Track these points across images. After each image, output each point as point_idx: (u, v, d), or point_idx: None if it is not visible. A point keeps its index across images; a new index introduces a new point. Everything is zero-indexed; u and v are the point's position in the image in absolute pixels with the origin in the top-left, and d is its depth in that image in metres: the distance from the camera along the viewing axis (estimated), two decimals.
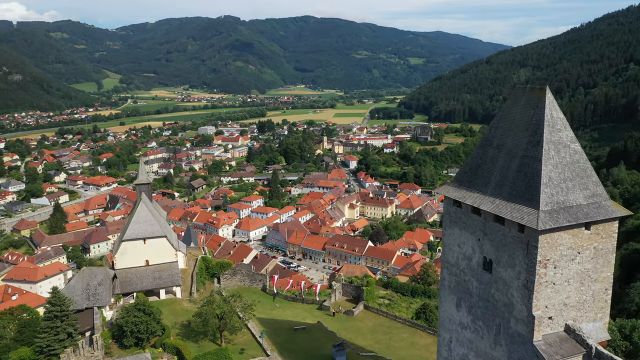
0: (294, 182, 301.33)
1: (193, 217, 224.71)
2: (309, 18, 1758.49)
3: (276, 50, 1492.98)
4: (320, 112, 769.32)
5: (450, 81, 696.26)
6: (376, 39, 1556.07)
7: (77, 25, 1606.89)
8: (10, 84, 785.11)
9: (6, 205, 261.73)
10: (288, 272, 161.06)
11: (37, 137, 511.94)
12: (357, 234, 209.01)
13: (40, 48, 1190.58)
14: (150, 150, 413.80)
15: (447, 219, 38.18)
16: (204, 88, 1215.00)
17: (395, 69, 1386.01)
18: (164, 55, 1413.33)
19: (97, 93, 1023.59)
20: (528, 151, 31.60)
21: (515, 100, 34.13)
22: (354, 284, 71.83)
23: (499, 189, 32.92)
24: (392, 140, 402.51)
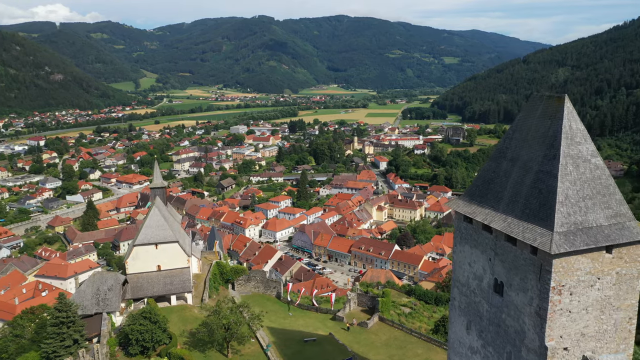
0: (322, 182, 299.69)
1: (221, 217, 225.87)
2: (342, 17, 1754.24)
3: (309, 49, 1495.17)
4: (352, 112, 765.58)
5: (485, 81, 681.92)
6: (410, 38, 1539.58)
7: (117, 26, 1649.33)
8: (52, 84, 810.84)
9: (43, 201, 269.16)
10: (312, 274, 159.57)
11: (76, 135, 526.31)
12: (384, 237, 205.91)
13: (81, 48, 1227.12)
14: (183, 149, 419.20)
15: (458, 235, 35.74)
16: (237, 87, 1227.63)
17: (429, 69, 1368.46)
18: (199, 55, 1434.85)
19: (134, 92, 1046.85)
20: (543, 166, 28.97)
21: (531, 109, 31.47)
22: (369, 294, 69.62)
23: (512, 205, 30.38)
24: (423, 141, 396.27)
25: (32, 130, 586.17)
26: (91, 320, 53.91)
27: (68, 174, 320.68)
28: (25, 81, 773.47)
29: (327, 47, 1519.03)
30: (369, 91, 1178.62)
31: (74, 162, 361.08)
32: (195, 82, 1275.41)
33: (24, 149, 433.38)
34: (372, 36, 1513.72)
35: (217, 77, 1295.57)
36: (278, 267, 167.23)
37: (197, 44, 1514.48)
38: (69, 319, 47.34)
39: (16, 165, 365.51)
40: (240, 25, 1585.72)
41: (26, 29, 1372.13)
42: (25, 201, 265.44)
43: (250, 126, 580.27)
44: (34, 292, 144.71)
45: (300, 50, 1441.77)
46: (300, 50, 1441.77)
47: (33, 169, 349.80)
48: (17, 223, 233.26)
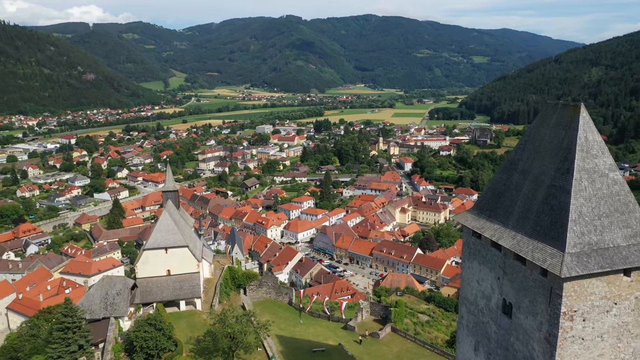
0: (346, 183, 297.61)
1: (243, 217, 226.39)
2: (370, 17, 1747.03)
3: (337, 49, 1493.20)
4: (378, 111, 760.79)
5: (515, 80, 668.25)
6: (439, 37, 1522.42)
7: (147, 27, 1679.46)
8: (84, 83, 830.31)
9: (71, 199, 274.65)
10: (332, 277, 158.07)
11: (105, 133, 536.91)
12: (407, 240, 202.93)
13: (113, 48, 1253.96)
14: (208, 148, 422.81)
15: (466, 251, 33.75)
16: (264, 87, 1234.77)
17: (457, 68, 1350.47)
18: (227, 54, 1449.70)
19: (163, 91, 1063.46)
20: (556, 180, 26.83)
21: (544, 118, 29.32)
22: (382, 303, 67.71)
23: (522, 222, 28.30)
24: (449, 142, 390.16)
25: (64, 128, 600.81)
26: (99, 324, 53.72)
27: (96, 172, 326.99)
28: (59, 81, 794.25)
29: (354, 47, 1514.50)
30: (396, 91, 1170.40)
31: (102, 161, 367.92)
32: (223, 81, 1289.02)
33: (56, 147, 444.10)
34: (400, 35, 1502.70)
35: (244, 76, 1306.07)
36: (298, 268, 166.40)
37: (226, 44, 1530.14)
38: (74, 324, 47.12)
39: (47, 163, 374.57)
40: (268, 25, 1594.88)
41: (61, 29, 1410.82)
42: (54, 198, 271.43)
43: (275, 126, 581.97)
44: (59, 289, 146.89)
45: (328, 49, 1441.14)
46: (328, 49, 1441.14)
47: (63, 166, 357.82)
48: (46, 220, 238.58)
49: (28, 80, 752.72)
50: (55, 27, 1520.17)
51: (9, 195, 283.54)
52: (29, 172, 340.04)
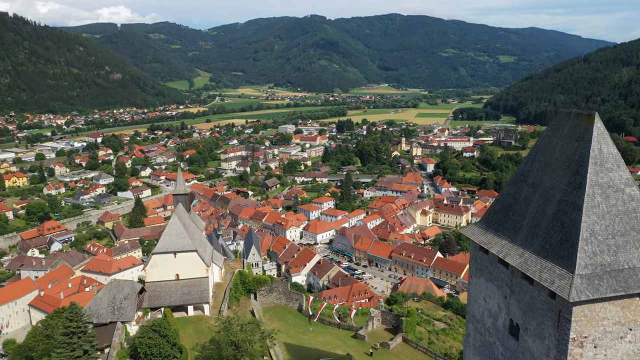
0: (367, 184, 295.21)
1: (263, 217, 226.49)
2: (395, 16, 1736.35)
3: (361, 48, 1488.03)
4: (401, 111, 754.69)
5: (542, 80, 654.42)
6: (465, 37, 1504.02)
7: (173, 27, 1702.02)
8: (111, 82, 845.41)
9: (95, 197, 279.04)
10: (350, 279, 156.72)
11: (131, 132, 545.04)
12: (427, 243, 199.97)
13: (140, 48, 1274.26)
14: (231, 147, 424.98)
15: (473, 266, 32.14)
16: (288, 86, 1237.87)
17: (483, 68, 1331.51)
18: (252, 54, 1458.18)
19: (188, 91, 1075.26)
20: (567, 195, 25.10)
21: (556, 128, 27.55)
22: (394, 312, 66.07)
23: (531, 238, 26.63)
24: (473, 143, 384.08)
25: (91, 127, 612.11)
26: (106, 329, 53.55)
27: (120, 171, 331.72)
28: (87, 80, 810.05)
29: (378, 46, 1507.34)
30: (420, 91, 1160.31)
31: (127, 159, 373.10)
32: (247, 81, 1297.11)
33: (83, 146, 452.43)
34: (425, 35, 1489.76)
35: (268, 76, 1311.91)
36: (316, 270, 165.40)
37: (250, 44, 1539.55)
38: (79, 329, 46.93)
39: (74, 162, 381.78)
40: (293, 25, 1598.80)
41: (90, 30, 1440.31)
42: (79, 196, 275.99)
43: (298, 125, 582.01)
44: (79, 286, 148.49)
45: (352, 49, 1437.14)
46: (352, 49, 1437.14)
47: (89, 165, 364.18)
48: (71, 218, 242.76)
49: (57, 80, 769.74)
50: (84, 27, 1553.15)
51: (36, 192, 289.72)
52: (56, 170, 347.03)
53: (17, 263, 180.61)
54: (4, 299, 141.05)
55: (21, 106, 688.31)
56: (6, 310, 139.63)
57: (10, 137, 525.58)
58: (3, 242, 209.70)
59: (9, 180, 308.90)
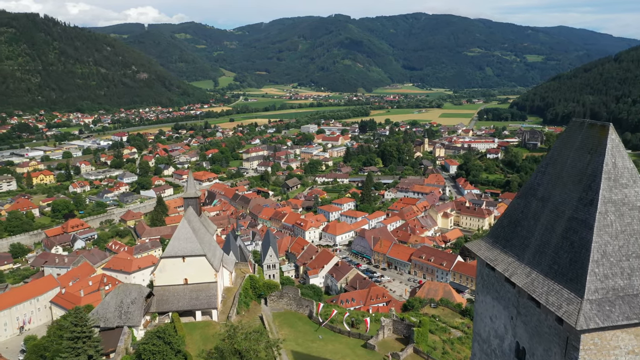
0: (388, 185, 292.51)
1: (282, 218, 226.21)
2: (420, 15, 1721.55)
3: (385, 48, 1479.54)
4: (425, 111, 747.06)
5: (570, 80, 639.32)
6: (491, 36, 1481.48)
7: (199, 27, 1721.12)
8: (138, 82, 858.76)
9: (119, 195, 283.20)
10: (368, 282, 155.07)
11: (155, 131, 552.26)
12: (447, 246, 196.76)
13: (166, 48, 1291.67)
14: (252, 147, 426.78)
15: (480, 282, 30.47)
16: (311, 86, 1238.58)
17: (510, 67, 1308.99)
18: (276, 54, 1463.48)
19: (212, 90, 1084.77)
20: (578, 212, 23.34)
21: (568, 139, 25.74)
22: (405, 321, 64.35)
23: (539, 257, 24.92)
24: (497, 144, 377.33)
25: (117, 126, 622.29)
26: (112, 333, 53.37)
27: (144, 170, 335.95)
28: (114, 80, 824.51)
29: (403, 46, 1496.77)
30: (445, 90, 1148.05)
31: (150, 158, 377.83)
32: (271, 80, 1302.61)
33: (108, 144, 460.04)
34: (451, 34, 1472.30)
35: (292, 75, 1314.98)
36: (334, 272, 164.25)
37: (274, 43, 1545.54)
38: (84, 333, 46.74)
39: (99, 160, 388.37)
40: (317, 25, 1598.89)
41: (117, 30, 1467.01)
42: (103, 194, 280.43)
43: (320, 125, 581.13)
44: (99, 285, 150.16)
45: (376, 48, 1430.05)
46: (376, 48, 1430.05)
47: (114, 163, 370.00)
48: (94, 216, 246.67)
49: (85, 79, 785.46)
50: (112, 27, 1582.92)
51: (62, 190, 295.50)
52: (82, 169, 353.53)
53: (41, 260, 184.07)
54: (26, 295, 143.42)
55: (51, 105, 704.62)
56: (28, 306, 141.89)
57: (39, 136, 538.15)
58: (28, 238, 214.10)
59: (36, 178, 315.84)
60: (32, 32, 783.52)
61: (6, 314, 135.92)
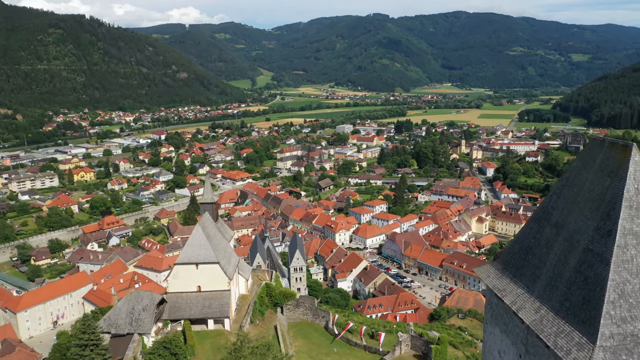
0: (422, 188, 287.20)
1: (313, 219, 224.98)
2: (460, 13, 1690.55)
3: (424, 47, 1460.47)
4: (464, 112, 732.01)
5: (618, 81, 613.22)
6: (534, 34, 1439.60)
7: (238, 27, 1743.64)
8: (177, 81, 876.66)
9: (155, 193, 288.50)
10: (397, 288, 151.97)
11: (193, 130, 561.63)
12: (481, 252, 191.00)
13: (206, 48, 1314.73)
14: (287, 147, 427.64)
15: (489, 312, 27.96)
16: (348, 86, 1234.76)
17: (554, 67, 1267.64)
18: (313, 53, 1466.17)
19: (250, 90, 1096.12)
20: (594, 243, 20.68)
21: (587, 159, 23.02)
22: (424, 337, 61.59)
23: (550, 291, 22.34)
24: (538, 147, 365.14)
25: (156, 124, 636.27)
26: (123, 340, 52.99)
27: (180, 168, 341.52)
28: (155, 79, 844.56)
29: (442, 45, 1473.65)
30: (485, 90, 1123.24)
31: (186, 157, 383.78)
32: (308, 80, 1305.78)
33: (147, 142, 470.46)
34: (492, 32, 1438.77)
35: (329, 75, 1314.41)
36: (362, 277, 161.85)
37: (312, 43, 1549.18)
38: (91, 341, 46.41)
39: (138, 158, 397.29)
40: (355, 24, 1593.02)
41: (160, 30, 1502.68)
42: (139, 192, 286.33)
43: (356, 125, 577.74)
44: (130, 282, 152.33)
45: (414, 48, 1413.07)
46: (414, 48, 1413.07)
47: (151, 161, 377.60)
48: (130, 213, 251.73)
49: (127, 79, 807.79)
50: (155, 28, 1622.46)
51: (101, 187, 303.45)
52: (121, 166, 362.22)
53: (77, 256, 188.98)
54: (60, 291, 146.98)
55: (94, 104, 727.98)
56: (62, 302, 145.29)
57: (82, 133, 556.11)
58: (66, 234, 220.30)
59: (77, 174, 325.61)
60: (78, 33, 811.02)
61: (40, 308, 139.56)
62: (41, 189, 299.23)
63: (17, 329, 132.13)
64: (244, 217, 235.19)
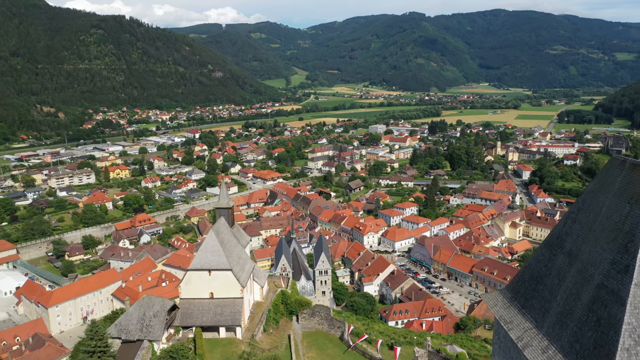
0: (454, 190, 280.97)
1: (341, 220, 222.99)
2: (499, 11, 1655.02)
3: (460, 46, 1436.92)
4: (500, 113, 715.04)
5: None
6: (576, 32, 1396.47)
7: (274, 26, 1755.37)
8: (213, 80, 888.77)
9: (186, 192, 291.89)
10: (424, 294, 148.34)
11: (226, 129, 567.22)
12: (514, 259, 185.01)
13: (242, 48, 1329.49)
14: (318, 147, 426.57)
15: (496, 343, 25.67)
16: (383, 85, 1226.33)
17: (597, 66, 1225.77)
18: (348, 52, 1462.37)
19: (284, 89, 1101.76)
20: (609, 278, 18.29)
21: (605, 181, 20.55)
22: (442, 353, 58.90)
23: (559, 328, 20.00)
24: (577, 150, 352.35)
25: (191, 123, 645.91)
26: (133, 346, 52.51)
27: (212, 167, 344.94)
28: (191, 78, 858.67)
29: (480, 44, 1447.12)
30: (523, 90, 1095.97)
31: (218, 156, 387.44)
32: (342, 79, 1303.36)
33: (181, 141, 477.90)
34: (532, 31, 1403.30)
35: (363, 74, 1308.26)
36: (389, 281, 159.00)
37: (347, 42, 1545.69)
38: (99, 348, 46.06)
39: (172, 156, 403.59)
40: (391, 23, 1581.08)
41: (197, 30, 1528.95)
42: (172, 190, 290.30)
43: (389, 125, 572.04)
44: (158, 280, 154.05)
45: (451, 47, 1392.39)
46: (451, 47, 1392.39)
47: (184, 160, 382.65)
48: (162, 211, 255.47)
49: (165, 78, 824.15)
50: (192, 28, 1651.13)
51: (135, 185, 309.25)
52: (155, 164, 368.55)
53: (109, 252, 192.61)
54: (91, 287, 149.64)
55: (132, 102, 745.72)
56: (92, 298, 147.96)
57: (120, 131, 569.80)
58: (100, 231, 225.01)
59: (113, 172, 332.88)
60: (118, 33, 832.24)
61: (71, 304, 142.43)
62: (78, 185, 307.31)
63: (49, 323, 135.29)
64: (272, 217, 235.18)
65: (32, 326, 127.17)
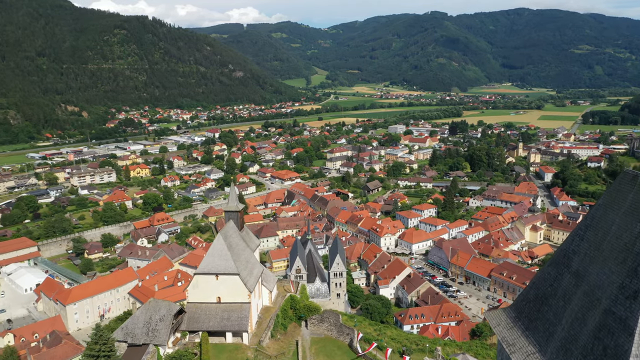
0: (474, 192, 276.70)
1: (359, 222, 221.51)
2: (522, 10, 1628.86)
3: (483, 46, 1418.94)
4: (523, 113, 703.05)
5: None
6: (603, 32, 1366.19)
7: (295, 26, 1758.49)
8: (233, 80, 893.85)
9: (205, 191, 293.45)
10: (440, 298, 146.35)
11: (246, 128, 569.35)
12: (534, 263, 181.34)
13: (262, 47, 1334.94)
14: (337, 147, 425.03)
15: None
16: (403, 85, 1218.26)
17: (623, 66, 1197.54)
18: (369, 52, 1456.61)
19: (304, 88, 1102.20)
20: (617, 304, 16.89)
21: (615, 197, 19.13)
22: None
23: (563, 355, 18.66)
24: (602, 151, 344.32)
25: (211, 122, 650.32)
26: (139, 350, 52.25)
27: (231, 166, 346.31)
28: (212, 78, 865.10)
29: (502, 43, 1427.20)
30: (547, 90, 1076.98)
31: (237, 155, 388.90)
32: (362, 79, 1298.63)
33: (201, 140, 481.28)
34: (556, 30, 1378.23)
35: (384, 74, 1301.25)
36: (405, 284, 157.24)
37: (368, 42, 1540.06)
38: (102, 352, 45.83)
39: (191, 155, 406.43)
40: (412, 22, 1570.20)
41: (219, 30, 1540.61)
42: (190, 189, 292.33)
43: (409, 126, 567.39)
44: (174, 280, 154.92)
45: (473, 46, 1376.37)
46: (473, 46, 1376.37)
47: (204, 159, 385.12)
48: (180, 210, 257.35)
49: (186, 78, 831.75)
50: (214, 28, 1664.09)
51: (155, 184, 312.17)
52: (175, 163, 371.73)
53: (127, 251, 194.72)
54: (108, 285, 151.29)
55: (154, 102, 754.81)
56: (109, 296, 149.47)
57: (142, 130, 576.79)
58: (119, 229, 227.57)
59: (133, 171, 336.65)
60: (141, 33, 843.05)
61: (89, 302, 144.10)
62: (100, 184, 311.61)
63: (66, 320, 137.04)
64: (289, 217, 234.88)
65: (50, 323, 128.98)
